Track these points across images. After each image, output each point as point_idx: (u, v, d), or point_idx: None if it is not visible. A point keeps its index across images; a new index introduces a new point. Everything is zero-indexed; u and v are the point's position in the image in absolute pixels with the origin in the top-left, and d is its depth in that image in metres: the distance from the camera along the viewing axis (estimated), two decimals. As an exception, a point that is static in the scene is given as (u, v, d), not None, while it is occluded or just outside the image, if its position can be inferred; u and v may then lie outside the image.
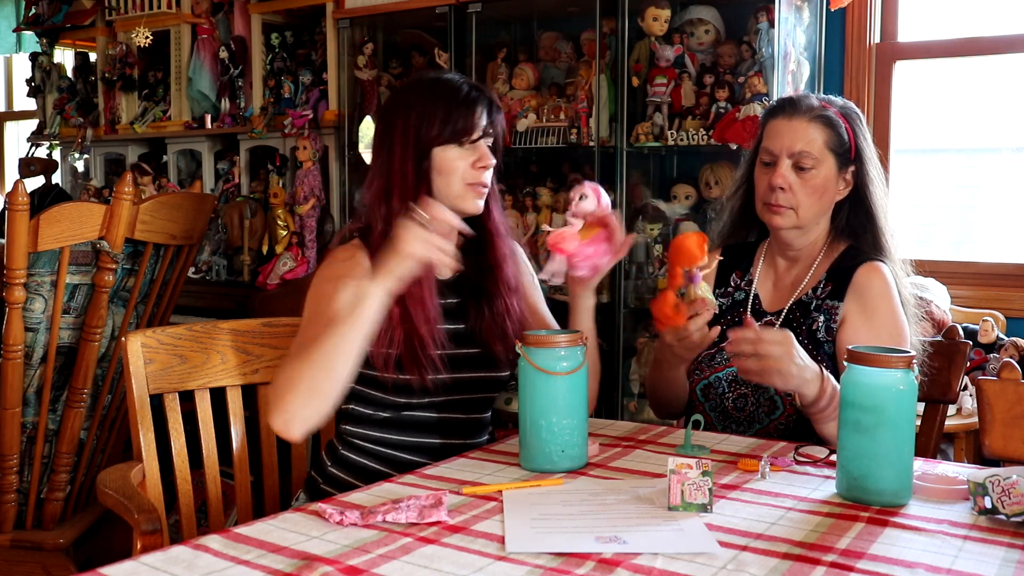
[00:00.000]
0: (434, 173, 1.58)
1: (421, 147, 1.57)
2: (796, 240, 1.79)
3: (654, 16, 2.83)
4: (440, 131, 1.57)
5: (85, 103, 4.26)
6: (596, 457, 1.51)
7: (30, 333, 2.32)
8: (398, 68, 3.47)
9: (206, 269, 3.66)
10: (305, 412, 1.43)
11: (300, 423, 1.44)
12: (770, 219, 1.76)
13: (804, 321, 1.74)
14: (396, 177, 1.58)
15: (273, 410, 1.43)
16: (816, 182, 1.72)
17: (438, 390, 1.58)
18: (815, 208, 1.74)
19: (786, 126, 1.74)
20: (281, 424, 1.43)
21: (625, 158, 2.85)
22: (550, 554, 1.09)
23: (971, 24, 2.91)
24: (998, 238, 2.99)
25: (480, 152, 1.59)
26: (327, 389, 1.43)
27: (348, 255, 1.59)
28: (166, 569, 1.05)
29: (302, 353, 1.44)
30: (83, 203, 2.53)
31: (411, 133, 1.58)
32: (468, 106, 1.58)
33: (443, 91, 1.59)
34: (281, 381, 1.44)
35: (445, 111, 1.57)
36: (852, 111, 1.78)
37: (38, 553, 2.39)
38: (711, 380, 1.78)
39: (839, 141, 1.73)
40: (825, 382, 1.56)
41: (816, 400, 1.56)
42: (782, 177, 1.72)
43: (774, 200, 1.73)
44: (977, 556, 1.10)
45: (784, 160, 1.73)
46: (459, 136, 1.57)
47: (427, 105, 1.58)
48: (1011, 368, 1.69)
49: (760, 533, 1.16)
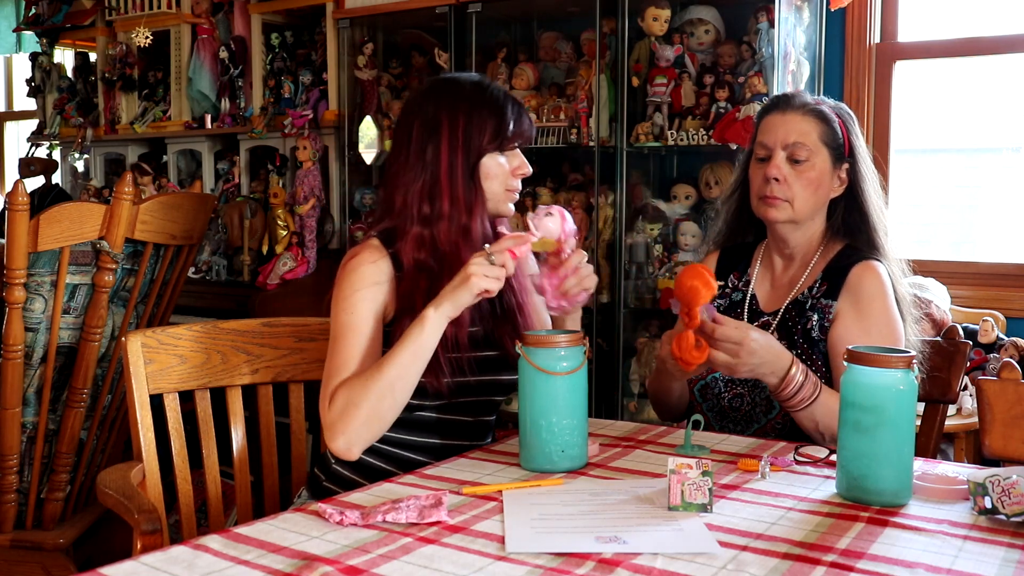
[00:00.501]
0: (481, 178, 1.61)
1: (473, 152, 1.60)
2: (791, 235, 1.79)
3: (654, 16, 2.83)
4: (492, 138, 1.60)
5: (85, 103, 4.26)
6: (596, 457, 1.51)
7: (30, 333, 2.32)
8: (398, 68, 3.47)
9: (206, 269, 3.66)
10: (366, 436, 1.50)
11: (360, 446, 1.51)
12: (765, 212, 1.76)
13: (800, 320, 1.74)
14: (444, 179, 1.59)
15: (335, 434, 1.49)
16: (811, 174, 1.73)
17: (451, 392, 1.59)
18: (810, 201, 1.74)
19: (780, 120, 1.75)
20: (342, 447, 1.49)
21: (625, 158, 2.85)
22: (550, 554, 1.09)
23: (971, 24, 2.91)
24: (998, 238, 2.99)
25: (520, 159, 1.65)
26: (388, 415, 1.50)
27: (372, 258, 1.59)
28: (166, 569, 1.05)
29: (362, 379, 1.49)
30: (83, 203, 2.53)
31: (460, 137, 1.59)
32: (517, 115, 1.62)
33: (491, 98, 1.62)
34: (341, 406, 1.49)
35: (497, 118, 1.60)
36: (844, 111, 1.80)
37: (38, 553, 2.39)
38: (707, 380, 1.78)
39: (833, 136, 1.74)
40: (791, 370, 1.57)
41: (781, 386, 1.58)
42: (777, 168, 1.73)
43: (769, 192, 1.74)
44: (977, 556, 1.10)
45: (779, 152, 1.73)
46: (506, 143, 1.62)
47: (478, 110, 1.60)
48: (1011, 368, 1.69)
49: (760, 533, 1.16)
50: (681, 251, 2.86)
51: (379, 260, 1.59)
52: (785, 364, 1.58)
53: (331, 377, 1.54)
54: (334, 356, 1.55)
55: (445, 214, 1.58)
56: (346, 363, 1.53)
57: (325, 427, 1.51)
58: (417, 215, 1.59)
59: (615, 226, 2.87)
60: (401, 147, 1.63)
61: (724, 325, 1.54)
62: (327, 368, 1.56)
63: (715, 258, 1.93)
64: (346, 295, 1.57)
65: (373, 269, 1.58)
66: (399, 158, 1.64)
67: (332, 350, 1.56)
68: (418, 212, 1.59)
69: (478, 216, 1.60)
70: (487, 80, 1.67)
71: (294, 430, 1.83)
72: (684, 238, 2.86)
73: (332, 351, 1.56)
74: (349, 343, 1.54)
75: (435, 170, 1.59)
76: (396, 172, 1.64)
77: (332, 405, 1.51)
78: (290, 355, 1.81)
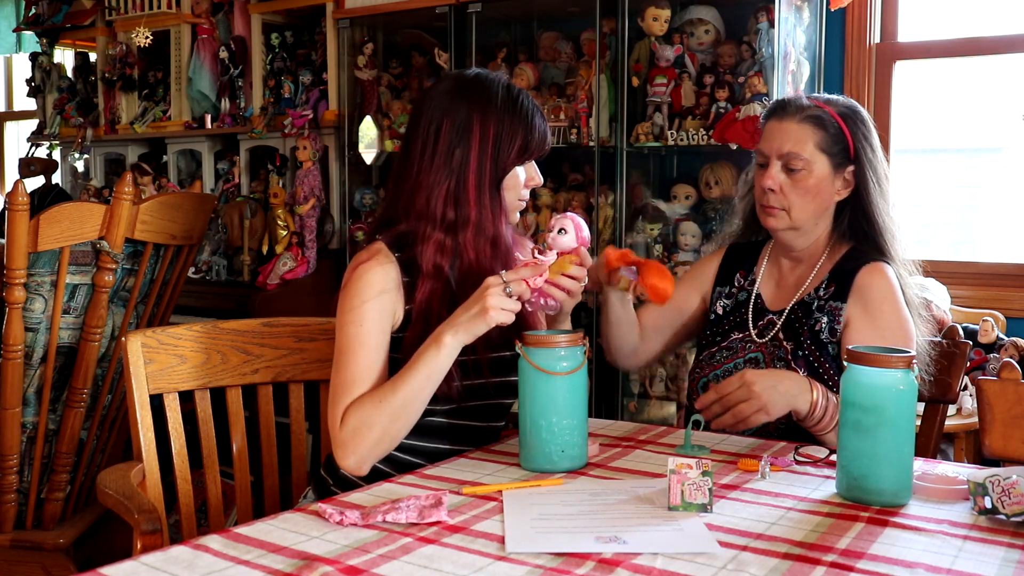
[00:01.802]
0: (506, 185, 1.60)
1: (501, 163, 1.57)
2: (794, 241, 1.79)
3: (654, 16, 2.83)
4: (520, 152, 1.58)
5: (85, 103, 4.26)
6: (596, 457, 1.51)
7: (30, 333, 2.32)
8: (398, 68, 3.47)
9: (206, 269, 3.65)
10: (376, 453, 1.50)
11: (371, 463, 1.51)
12: (764, 220, 1.77)
13: (806, 321, 1.74)
14: (472, 186, 1.56)
15: (346, 453, 1.49)
16: (807, 183, 1.72)
17: (461, 396, 1.57)
18: (808, 209, 1.74)
19: (777, 128, 1.75)
20: (353, 465, 1.50)
21: (625, 158, 2.85)
22: (550, 554, 1.09)
23: (971, 24, 2.91)
24: (998, 238, 2.99)
25: (534, 170, 1.64)
26: (400, 434, 1.51)
27: (380, 264, 1.56)
28: (166, 569, 1.05)
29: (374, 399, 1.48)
30: (83, 203, 2.53)
31: (491, 145, 1.56)
32: (543, 129, 1.61)
33: (522, 109, 1.59)
34: (353, 426, 1.48)
35: (526, 131, 1.58)
36: (852, 112, 1.76)
37: (38, 553, 2.39)
38: (711, 378, 1.78)
39: (832, 141, 1.72)
40: (816, 395, 1.56)
41: (809, 414, 1.57)
42: (772, 179, 1.73)
43: (766, 202, 1.75)
44: (977, 556, 1.10)
45: (775, 162, 1.73)
46: (531, 156, 1.61)
47: (511, 120, 1.58)
48: (1011, 368, 1.69)
49: (760, 533, 1.16)
50: (681, 251, 2.86)
51: (387, 266, 1.56)
52: (802, 379, 1.58)
53: (340, 394, 1.51)
54: (343, 370, 1.53)
55: (472, 222, 1.56)
56: (356, 379, 1.51)
57: (336, 445, 1.50)
58: (440, 220, 1.56)
59: (615, 226, 2.87)
60: (427, 146, 1.57)
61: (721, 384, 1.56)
62: (335, 382, 1.53)
63: (720, 256, 1.92)
64: (353, 305, 1.54)
65: (381, 276, 1.55)
66: (423, 156, 1.58)
67: (340, 363, 1.53)
68: (442, 217, 1.56)
69: (502, 225, 1.59)
70: (515, 86, 1.64)
71: (294, 430, 1.83)
72: (684, 238, 2.86)
73: (340, 364, 1.53)
74: (358, 357, 1.52)
75: (462, 175, 1.56)
76: (419, 171, 1.57)
77: (344, 424, 1.49)
78: (290, 355, 1.81)
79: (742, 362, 1.76)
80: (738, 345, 1.79)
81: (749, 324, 1.80)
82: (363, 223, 3.39)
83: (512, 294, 1.44)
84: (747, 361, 1.76)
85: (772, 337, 1.75)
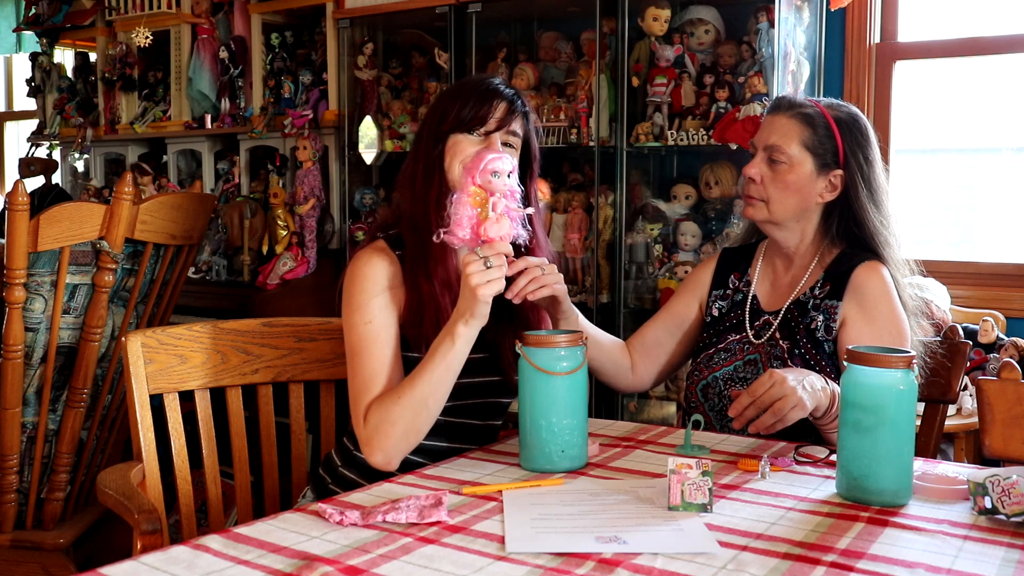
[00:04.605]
0: (446, 155, 1.60)
1: (440, 132, 1.60)
2: (776, 235, 1.79)
3: (654, 16, 2.83)
4: (456, 118, 1.59)
5: (85, 103, 4.26)
6: (596, 457, 1.51)
7: (30, 333, 2.32)
8: (398, 68, 3.47)
9: (206, 269, 3.66)
10: (403, 447, 1.51)
11: (399, 458, 1.51)
12: (744, 210, 1.80)
13: (802, 320, 1.74)
14: (421, 161, 1.61)
15: (372, 450, 1.50)
16: (787, 178, 1.72)
17: (457, 393, 1.57)
18: (787, 204, 1.74)
19: (769, 121, 1.77)
20: (381, 461, 1.50)
21: (625, 158, 2.85)
22: (550, 554, 1.09)
23: (971, 24, 2.91)
24: (998, 238, 2.99)
25: (491, 145, 1.58)
26: (424, 427, 1.51)
27: (380, 260, 1.58)
28: (166, 569, 1.05)
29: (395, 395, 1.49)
30: (83, 203, 2.53)
31: (435, 121, 1.61)
32: (485, 98, 1.60)
33: (469, 84, 1.64)
34: (376, 423, 1.49)
35: (463, 100, 1.60)
36: (851, 119, 1.75)
37: (38, 553, 2.39)
38: (709, 380, 1.78)
39: (818, 142, 1.72)
40: (833, 387, 1.56)
41: (829, 409, 1.55)
42: (754, 168, 1.74)
43: (747, 191, 1.76)
44: (977, 556, 1.10)
45: (760, 152, 1.75)
46: (470, 124, 1.59)
47: (454, 96, 1.62)
48: (1011, 368, 1.69)
49: (760, 533, 1.16)
50: (681, 251, 2.86)
51: (388, 261, 1.58)
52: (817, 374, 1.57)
53: (360, 392, 1.53)
54: (360, 369, 1.53)
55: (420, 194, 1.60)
56: (374, 377, 1.52)
57: (362, 443, 1.51)
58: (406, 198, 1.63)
59: (615, 226, 2.87)
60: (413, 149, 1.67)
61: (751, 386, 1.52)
62: (354, 382, 1.54)
63: (714, 261, 1.93)
64: (361, 303, 1.55)
65: (383, 271, 1.57)
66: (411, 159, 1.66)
67: (355, 362, 1.54)
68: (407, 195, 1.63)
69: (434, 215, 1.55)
70: (493, 76, 1.68)
71: (294, 430, 1.83)
72: (684, 238, 2.86)
73: (355, 363, 1.54)
74: (372, 354, 1.53)
75: (415, 155, 1.63)
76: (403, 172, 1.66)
77: (367, 422, 1.50)
78: (290, 355, 1.81)
79: (740, 364, 1.76)
80: (735, 347, 1.78)
81: (746, 325, 1.80)
82: (363, 223, 3.39)
83: (493, 264, 1.44)
84: (745, 363, 1.76)
85: (768, 337, 1.76)
